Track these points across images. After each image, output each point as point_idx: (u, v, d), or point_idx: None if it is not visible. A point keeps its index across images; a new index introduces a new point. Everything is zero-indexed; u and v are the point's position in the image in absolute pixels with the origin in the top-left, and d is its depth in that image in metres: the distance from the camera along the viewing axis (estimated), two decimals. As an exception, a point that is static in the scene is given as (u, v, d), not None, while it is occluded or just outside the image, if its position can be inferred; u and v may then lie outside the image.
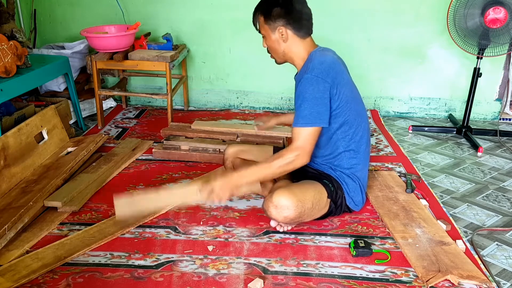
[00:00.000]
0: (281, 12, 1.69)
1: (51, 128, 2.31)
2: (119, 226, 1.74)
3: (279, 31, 1.71)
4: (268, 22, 1.72)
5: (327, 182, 1.78)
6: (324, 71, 1.65)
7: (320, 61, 1.69)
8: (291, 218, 1.67)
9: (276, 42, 1.74)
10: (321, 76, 1.64)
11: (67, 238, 1.67)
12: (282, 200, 1.64)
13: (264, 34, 1.77)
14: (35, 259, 1.53)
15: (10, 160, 1.97)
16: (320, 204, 1.73)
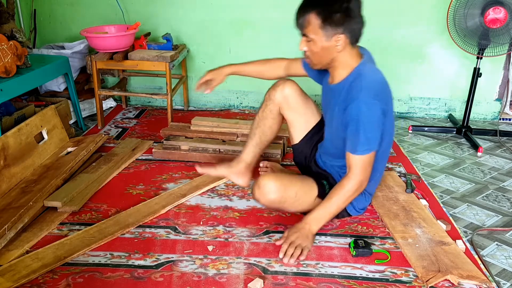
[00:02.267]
0: (343, 19, 1.52)
1: (51, 128, 2.31)
2: (118, 226, 1.74)
3: (336, 39, 1.55)
4: (326, 27, 1.52)
5: (326, 183, 1.77)
6: (379, 91, 1.59)
7: (373, 80, 1.61)
8: (271, 200, 1.68)
9: (327, 49, 1.58)
10: (378, 99, 1.56)
11: (67, 238, 1.66)
12: (266, 181, 1.67)
13: (314, 38, 1.56)
14: (35, 259, 1.53)
15: (10, 160, 1.97)
16: (305, 198, 1.73)
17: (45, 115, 2.29)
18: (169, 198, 1.96)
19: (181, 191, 2.02)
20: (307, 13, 1.54)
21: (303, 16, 1.55)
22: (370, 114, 1.55)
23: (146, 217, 1.82)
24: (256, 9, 3.03)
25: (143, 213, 1.84)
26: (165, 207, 1.89)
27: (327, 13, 1.51)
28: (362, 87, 1.56)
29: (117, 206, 1.92)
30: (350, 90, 1.59)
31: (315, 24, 1.53)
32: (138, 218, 1.80)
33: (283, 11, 3.03)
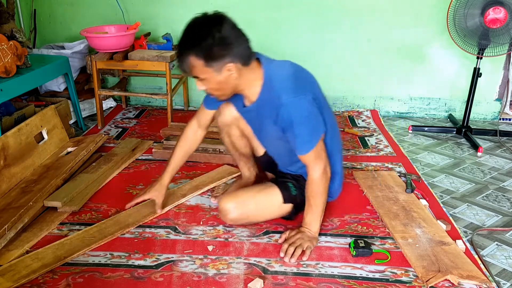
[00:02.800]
0: (223, 49, 1.44)
1: (51, 128, 2.31)
2: (118, 226, 1.74)
3: (227, 70, 1.48)
4: (211, 64, 1.45)
5: (292, 185, 1.76)
6: (296, 84, 1.57)
7: (284, 77, 1.58)
8: (235, 220, 1.73)
9: (224, 81, 1.51)
10: (299, 92, 1.54)
11: (67, 238, 1.66)
12: (223, 203, 1.72)
13: (206, 77, 1.49)
14: (35, 259, 1.53)
15: (10, 160, 1.97)
16: (269, 206, 1.75)
17: (45, 115, 2.29)
18: (169, 198, 1.95)
19: (181, 191, 2.02)
20: (186, 58, 1.47)
21: (184, 62, 1.48)
22: (300, 112, 1.53)
23: (146, 217, 1.82)
24: (256, 9, 3.02)
25: (143, 213, 1.84)
26: (165, 207, 1.89)
27: (204, 51, 1.43)
28: (279, 90, 1.54)
29: (117, 206, 1.92)
30: (270, 99, 1.56)
31: (199, 65, 1.46)
32: (138, 218, 1.80)
33: (283, 11, 3.03)
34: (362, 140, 2.71)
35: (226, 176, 2.18)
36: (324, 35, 3.08)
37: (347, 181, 2.17)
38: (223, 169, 2.26)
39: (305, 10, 3.01)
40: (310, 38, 3.08)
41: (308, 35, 3.07)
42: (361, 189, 2.09)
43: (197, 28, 1.46)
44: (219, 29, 1.44)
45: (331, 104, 3.23)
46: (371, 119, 3.05)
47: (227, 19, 1.50)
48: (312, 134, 1.59)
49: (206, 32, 1.44)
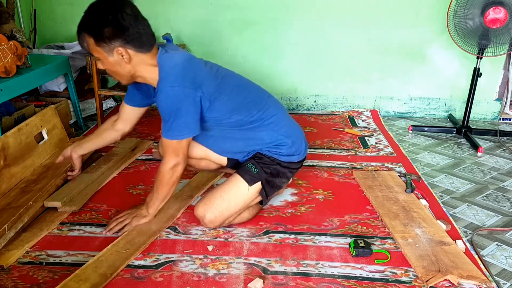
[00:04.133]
0: (114, 32, 1.47)
1: (51, 128, 2.31)
2: (145, 235, 1.70)
3: (118, 53, 1.51)
4: (101, 44, 1.50)
5: (251, 165, 1.76)
6: (178, 76, 1.55)
7: (170, 66, 1.57)
8: (214, 221, 1.73)
9: (117, 64, 1.55)
10: (178, 84, 1.53)
11: (100, 255, 1.57)
12: (196, 211, 1.74)
13: (99, 56, 1.55)
14: (79, 281, 1.44)
15: (9, 160, 1.96)
16: (237, 195, 1.73)
17: (45, 115, 2.29)
18: (177, 201, 1.95)
19: (185, 193, 2.02)
20: (81, 35, 1.52)
21: (80, 38, 1.53)
22: (173, 102, 1.54)
23: (167, 222, 1.79)
24: (256, 9, 3.03)
25: (162, 219, 1.80)
26: (179, 210, 1.88)
27: (95, 30, 1.48)
28: (161, 78, 1.56)
29: (117, 206, 1.92)
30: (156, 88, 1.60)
31: (91, 44, 1.51)
32: (161, 224, 1.77)
33: (283, 11, 3.03)
34: (362, 140, 2.71)
35: (219, 173, 2.19)
36: (324, 35, 3.08)
37: (347, 181, 2.18)
38: None
39: (305, 10, 3.02)
40: (310, 38, 3.08)
41: (308, 35, 3.08)
42: (361, 189, 2.09)
43: (96, 8, 1.50)
44: (116, 12, 1.47)
45: (331, 104, 3.24)
46: (371, 119, 3.05)
47: (128, 4, 1.51)
48: (180, 127, 1.59)
49: (102, 13, 1.48)
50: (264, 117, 1.77)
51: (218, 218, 1.72)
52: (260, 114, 1.76)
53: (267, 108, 1.79)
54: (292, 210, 1.92)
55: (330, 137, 2.74)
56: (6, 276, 1.48)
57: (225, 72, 1.76)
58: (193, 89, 1.57)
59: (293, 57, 3.15)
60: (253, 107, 1.75)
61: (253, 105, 1.76)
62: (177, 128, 1.59)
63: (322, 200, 2.00)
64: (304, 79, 3.20)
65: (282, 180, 1.85)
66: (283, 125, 1.82)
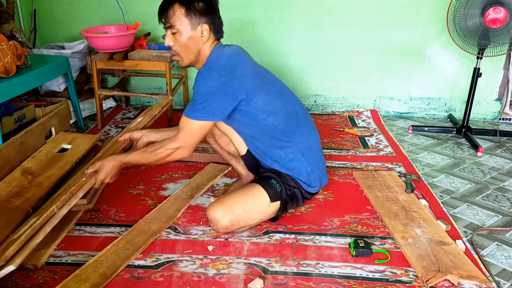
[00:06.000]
0: (205, 8, 1.61)
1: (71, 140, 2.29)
2: (146, 235, 1.70)
3: (201, 28, 1.62)
4: (190, 15, 1.60)
5: (275, 182, 1.75)
6: (219, 65, 1.61)
7: (216, 56, 1.65)
8: (227, 227, 1.69)
9: (193, 40, 1.63)
10: (216, 70, 1.60)
11: (100, 255, 1.57)
12: (211, 213, 1.69)
13: (179, 28, 1.61)
14: (79, 281, 1.44)
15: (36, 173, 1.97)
16: (257, 208, 1.72)
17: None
18: (177, 201, 1.95)
19: (185, 193, 2.01)
20: (171, 3, 1.60)
21: (167, 7, 1.61)
22: (206, 85, 1.59)
23: (167, 222, 1.80)
24: (256, 9, 3.03)
25: (162, 219, 1.81)
26: (179, 210, 1.88)
27: (190, 1, 1.59)
28: (205, 64, 1.65)
29: (117, 206, 1.92)
30: None
31: (180, 13, 1.59)
32: (161, 224, 1.78)
33: (283, 11, 3.03)
34: (362, 140, 2.71)
35: (219, 173, 2.19)
36: (324, 35, 3.08)
37: (347, 181, 2.18)
38: (212, 167, 2.27)
39: (305, 10, 3.02)
40: (310, 38, 3.08)
41: (308, 35, 3.08)
42: (361, 189, 2.09)
43: None
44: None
45: (331, 104, 3.24)
46: (371, 119, 3.05)
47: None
48: (205, 110, 1.61)
49: None
50: (298, 133, 1.77)
51: (233, 226, 1.70)
52: (295, 128, 1.77)
53: (303, 124, 1.81)
54: (292, 210, 1.92)
55: (330, 137, 2.74)
56: (6, 276, 1.48)
57: (272, 76, 1.81)
58: (229, 78, 1.60)
59: (293, 57, 3.14)
60: (291, 118, 1.76)
61: (291, 116, 1.76)
62: (201, 109, 1.61)
63: (322, 200, 2.00)
64: (304, 79, 3.20)
65: (293, 206, 1.85)
66: (312, 149, 1.82)
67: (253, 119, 1.70)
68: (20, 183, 1.88)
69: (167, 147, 1.66)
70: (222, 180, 2.17)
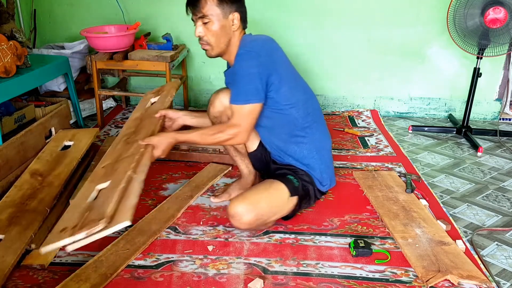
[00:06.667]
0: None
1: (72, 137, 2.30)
2: (146, 235, 1.70)
3: (232, 17, 1.65)
4: (222, 4, 1.62)
5: (292, 177, 1.75)
6: (256, 46, 1.64)
7: (252, 40, 1.68)
8: (250, 223, 1.65)
9: (224, 29, 1.65)
10: (255, 50, 1.62)
11: (100, 255, 1.57)
12: (234, 208, 1.63)
13: (211, 18, 1.63)
14: (79, 281, 1.44)
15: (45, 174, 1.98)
16: (279, 202, 1.71)
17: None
18: (177, 201, 1.95)
19: (185, 193, 2.01)
20: None
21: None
22: (247, 65, 1.61)
23: (167, 222, 1.80)
24: (256, 9, 3.02)
25: (162, 219, 1.81)
26: (179, 210, 1.87)
27: None
28: (241, 47, 1.66)
29: (117, 206, 1.92)
30: None
31: (212, 2, 1.61)
32: (161, 224, 1.78)
33: (283, 11, 3.03)
34: (362, 140, 2.71)
35: (219, 173, 2.19)
36: (324, 35, 3.08)
37: (347, 181, 2.17)
38: (212, 167, 2.26)
39: (305, 10, 3.02)
40: (310, 38, 3.08)
41: (308, 35, 3.08)
42: (361, 189, 2.09)
43: None
44: None
45: (331, 104, 3.24)
46: (371, 119, 3.05)
47: None
48: (249, 92, 1.62)
49: None
50: (315, 130, 1.80)
51: (257, 221, 1.66)
52: (313, 125, 1.79)
53: (320, 123, 1.84)
54: (293, 210, 1.92)
55: (330, 137, 2.74)
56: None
57: (296, 71, 1.83)
58: (267, 60, 1.63)
59: (293, 57, 3.14)
60: (310, 115, 1.78)
61: (311, 113, 1.79)
62: (245, 92, 1.62)
63: (322, 200, 2.00)
64: (304, 78, 3.19)
65: (305, 204, 1.84)
66: (325, 149, 1.85)
67: (277, 108, 1.71)
68: (32, 185, 1.89)
69: (228, 133, 1.65)
70: (222, 180, 2.17)
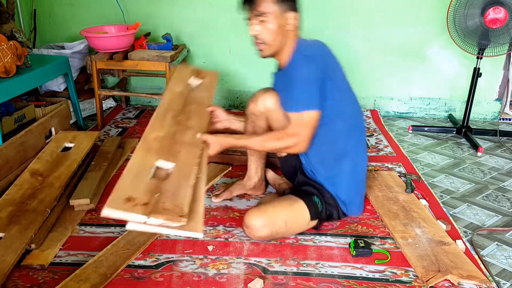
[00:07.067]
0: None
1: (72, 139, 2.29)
2: (146, 235, 1.69)
3: (291, 17, 1.62)
4: (280, 3, 1.58)
5: (318, 200, 1.71)
6: (313, 51, 1.63)
7: (308, 44, 1.67)
8: (264, 237, 1.66)
9: (281, 28, 1.61)
10: (310, 55, 1.60)
11: (100, 255, 1.57)
12: (251, 220, 1.63)
13: (268, 16, 1.58)
14: (79, 281, 1.44)
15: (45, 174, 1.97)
16: (297, 224, 1.69)
17: None
18: None
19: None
20: None
21: None
22: (302, 70, 1.58)
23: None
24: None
25: None
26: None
27: None
28: (296, 51, 1.64)
29: (117, 206, 1.92)
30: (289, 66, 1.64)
31: (271, 0, 1.57)
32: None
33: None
34: (362, 140, 2.71)
35: (219, 173, 2.19)
36: (324, 35, 3.07)
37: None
38: (212, 167, 2.26)
39: (305, 11, 3.01)
40: (310, 37, 3.07)
41: (308, 35, 3.07)
42: (361, 189, 2.09)
43: None
44: None
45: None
46: (371, 119, 3.05)
47: None
48: (307, 99, 1.58)
49: None
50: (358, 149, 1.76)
51: (271, 237, 1.66)
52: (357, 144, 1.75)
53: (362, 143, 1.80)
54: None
55: (330, 137, 2.74)
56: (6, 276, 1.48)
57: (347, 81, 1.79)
58: (323, 66, 1.61)
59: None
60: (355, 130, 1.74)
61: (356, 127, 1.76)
62: (302, 99, 1.58)
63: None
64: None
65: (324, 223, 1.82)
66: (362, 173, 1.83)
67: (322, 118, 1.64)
68: (32, 185, 1.89)
69: (286, 142, 1.61)
70: (222, 180, 2.17)
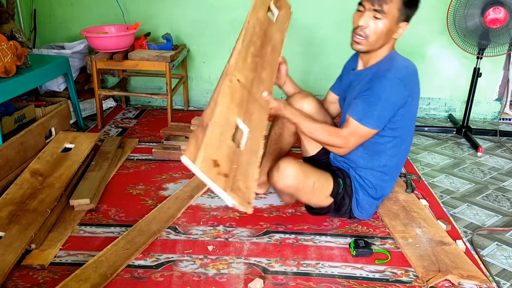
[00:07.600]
0: (415, 9, 1.58)
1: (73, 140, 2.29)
2: (146, 235, 1.70)
3: (402, 27, 1.60)
4: (402, 10, 1.55)
5: (342, 182, 1.73)
6: (407, 76, 1.59)
7: (405, 66, 1.62)
8: (287, 186, 1.64)
9: (389, 33, 1.59)
10: (404, 81, 1.56)
11: (100, 255, 1.57)
12: (287, 165, 1.62)
13: (385, 18, 1.55)
14: (79, 281, 1.43)
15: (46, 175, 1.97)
16: (321, 191, 1.70)
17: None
18: (177, 201, 1.95)
19: (185, 193, 2.01)
20: None
21: None
22: (390, 93, 1.55)
23: (167, 222, 1.79)
24: (256, 9, 3.02)
25: (162, 219, 1.81)
26: (179, 210, 1.87)
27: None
28: (392, 67, 1.58)
29: (117, 206, 1.92)
30: (377, 71, 1.61)
31: (396, 3, 1.53)
32: (161, 224, 1.77)
33: (283, 11, 3.03)
34: (362, 140, 2.71)
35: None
36: (324, 35, 3.08)
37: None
38: None
39: (304, 10, 3.02)
40: (310, 37, 3.08)
41: (308, 34, 3.07)
42: (361, 189, 2.09)
43: None
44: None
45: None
46: (371, 119, 3.05)
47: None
48: (378, 118, 1.57)
49: None
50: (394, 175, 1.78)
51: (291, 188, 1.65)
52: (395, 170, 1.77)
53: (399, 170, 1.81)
54: (292, 210, 1.92)
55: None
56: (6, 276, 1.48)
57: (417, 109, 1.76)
58: (409, 95, 1.58)
59: (292, 56, 3.14)
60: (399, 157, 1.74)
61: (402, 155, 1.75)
62: (372, 115, 1.57)
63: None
64: (304, 79, 3.19)
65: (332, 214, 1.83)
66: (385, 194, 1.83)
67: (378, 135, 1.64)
68: (32, 184, 1.89)
69: (334, 140, 1.62)
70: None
